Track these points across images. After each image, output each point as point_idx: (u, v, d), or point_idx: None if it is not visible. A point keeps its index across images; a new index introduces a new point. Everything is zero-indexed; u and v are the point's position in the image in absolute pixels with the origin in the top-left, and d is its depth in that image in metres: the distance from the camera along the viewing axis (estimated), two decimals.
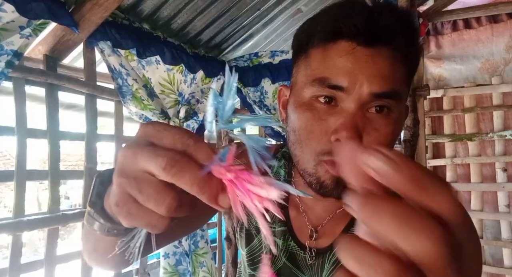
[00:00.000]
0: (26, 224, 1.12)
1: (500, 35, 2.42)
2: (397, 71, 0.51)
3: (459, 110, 2.47)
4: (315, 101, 0.52)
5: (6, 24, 0.98)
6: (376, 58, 0.49)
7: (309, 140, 0.52)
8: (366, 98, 0.49)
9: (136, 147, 0.27)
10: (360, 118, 0.49)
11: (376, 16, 0.50)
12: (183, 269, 1.69)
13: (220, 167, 0.25)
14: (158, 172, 0.25)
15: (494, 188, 2.37)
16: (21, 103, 1.16)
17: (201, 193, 0.25)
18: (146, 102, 1.49)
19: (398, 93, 0.51)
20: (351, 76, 0.49)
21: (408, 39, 0.52)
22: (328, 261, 0.59)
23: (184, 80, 1.68)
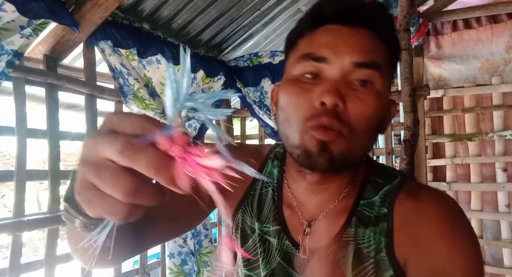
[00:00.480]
0: (26, 224, 1.12)
1: (500, 35, 2.43)
2: (378, 48, 0.55)
3: (459, 110, 2.47)
4: (302, 76, 0.55)
5: (6, 23, 0.98)
6: (356, 34, 0.54)
7: (296, 111, 0.54)
8: (347, 67, 0.52)
9: (97, 135, 0.27)
10: (343, 86, 0.52)
11: (354, 2, 0.56)
12: (189, 268, 1.69)
13: (167, 140, 0.25)
14: (116, 157, 0.25)
15: (494, 188, 2.38)
16: (21, 103, 1.16)
17: (159, 175, 0.25)
18: (148, 101, 1.49)
19: (379, 64, 0.53)
20: (333, 48, 0.53)
21: (387, 26, 0.57)
22: (322, 261, 0.59)
23: None
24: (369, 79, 0.53)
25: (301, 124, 0.53)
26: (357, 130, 0.52)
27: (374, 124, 0.54)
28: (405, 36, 1.67)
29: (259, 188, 0.68)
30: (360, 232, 0.58)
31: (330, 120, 0.51)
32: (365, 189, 0.61)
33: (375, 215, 0.58)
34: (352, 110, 0.52)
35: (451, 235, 0.52)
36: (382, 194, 0.59)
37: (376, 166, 0.65)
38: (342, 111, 0.51)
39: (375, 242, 0.56)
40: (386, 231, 0.56)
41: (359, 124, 0.52)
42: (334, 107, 0.51)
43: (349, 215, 0.59)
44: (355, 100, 0.52)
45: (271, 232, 0.64)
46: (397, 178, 0.61)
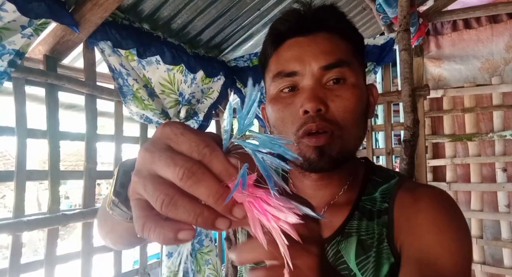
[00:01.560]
0: (26, 224, 1.12)
1: (500, 35, 2.42)
2: (339, 46, 0.59)
3: (459, 110, 2.47)
4: (281, 93, 0.60)
5: (7, 23, 0.98)
6: (316, 41, 0.58)
7: (285, 126, 0.58)
8: (318, 73, 0.57)
9: (154, 150, 0.27)
10: (320, 90, 0.56)
11: (306, 12, 0.61)
12: (186, 267, 1.69)
13: (241, 193, 0.25)
14: (175, 181, 0.26)
15: (494, 188, 2.37)
16: (21, 103, 1.16)
17: (217, 205, 0.26)
18: (147, 102, 1.49)
19: (345, 60, 0.58)
20: (299, 60, 0.57)
21: (339, 21, 0.61)
22: (326, 252, 0.61)
23: (184, 80, 1.68)
24: (340, 76, 0.57)
25: (293, 136, 0.57)
26: (346, 124, 0.57)
27: (360, 113, 0.59)
28: (405, 36, 1.67)
29: None
30: (363, 225, 0.61)
31: (318, 124, 0.55)
32: (366, 187, 0.65)
33: (377, 209, 0.61)
34: (335, 108, 0.56)
35: (442, 221, 0.55)
36: (381, 191, 0.63)
37: (375, 167, 0.69)
38: (326, 113, 0.56)
39: (377, 234, 0.60)
40: (387, 223, 0.60)
41: (346, 118, 0.56)
42: (317, 111, 0.55)
43: (352, 209, 0.63)
44: (334, 98, 0.56)
45: None
46: (395, 178, 0.65)
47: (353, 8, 2.49)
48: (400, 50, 1.69)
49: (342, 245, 0.61)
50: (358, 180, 0.66)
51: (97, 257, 1.42)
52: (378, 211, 0.61)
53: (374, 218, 0.61)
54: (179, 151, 0.27)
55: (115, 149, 1.53)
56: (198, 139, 0.27)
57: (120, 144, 1.54)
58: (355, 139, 0.59)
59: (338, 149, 0.56)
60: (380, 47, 1.96)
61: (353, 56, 0.60)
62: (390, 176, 0.66)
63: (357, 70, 0.59)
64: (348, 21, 0.64)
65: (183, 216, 0.26)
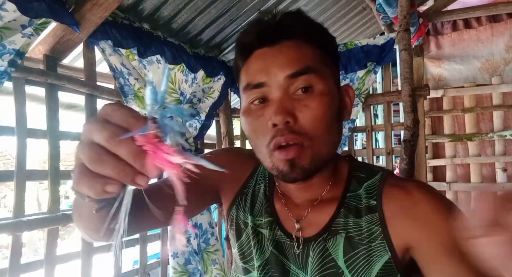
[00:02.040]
0: (26, 224, 1.12)
1: (500, 35, 2.43)
2: (305, 53, 0.58)
3: (459, 110, 2.47)
4: (251, 105, 0.60)
5: (7, 23, 0.98)
6: (281, 50, 0.58)
7: (258, 138, 0.59)
8: (284, 83, 0.56)
9: (93, 123, 0.33)
10: (287, 101, 0.56)
11: (270, 21, 0.61)
12: (193, 268, 1.69)
13: (142, 136, 0.32)
14: (103, 143, 0.32)
15: (494, 188, 2.38)
16: (21, 103, 1.16)
17: (134, 162, 0.32)
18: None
19: (312, 68, 0.57)
20: (265, 71, 0.57)
21: (305, 27, 0.61)
22: (313, 249, 0.62)
23: (185, 80, 1.68)
24: (307, 84, 0.56)
25: (265, 148, 0.58)
26: (316, 134, 0.56)
27: (330, 119, 0.58)
28: (405, 36, 1.67)
29: (253, 186, 0.74)
30: (349, 222, 0.62)
31: (286, 137, 0.55)
32: (350, 183, 0.66)
33: (365, 206, 0.62)
34: (304, 120, 0.56)
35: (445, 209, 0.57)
36: (366, 187, 0.64)
37: (358, 164, 0.70)
38: (295, 124, 0.56)
39: (367, 231, 0.60)
40: (379, 221, 0.60)
41: (315, 128, 0.56)
42: (286, 123, 0.55)
43: (338, 206, 0.64)
44: (302, 109, 0.56)
45: (263, 224, 0.68)
46: (378, 173, 0.66)
47: (353, 8, 2.49)
48: (400, 50, 1.69)
49: (329, 243, 0.61)
50: (341, 177, 0.67)
51: (97, 257, 1.42)
52: (366, 208, 0.62)
53: (361, 215, 0.61)
54: (112, 122, 0.33)
55: None
56: (128, 113, 0.33)
57: None
58: (327, 146, 0.59)
59: (309, 159, 0.56)
60: (380, 47, 1.97)
61: (320, 61, 0.59)
62: (374, 171, 0.66)
63: (325, 76, 0.59)
64: (315, 25, 0.63)
65: (108, 171, 0.32)
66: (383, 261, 0.58)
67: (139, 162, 0.32)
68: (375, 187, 0.63)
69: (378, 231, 0.59)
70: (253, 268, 0.67)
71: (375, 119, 4.40)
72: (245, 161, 0.76)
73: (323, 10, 2.28)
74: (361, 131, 2.34)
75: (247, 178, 0.74)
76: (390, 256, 0.58)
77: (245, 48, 0.62)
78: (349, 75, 2.01)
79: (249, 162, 0.75)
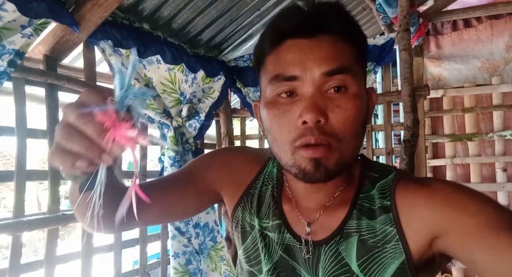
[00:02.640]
0: (26, 224, 1.12)
1: (500, 34, 2.43)
2: (343, 51, 0.55)
3: (459, 110, 2.47)
4: (278, 97, 0.56)
5: (7, 23, 0.98)
6: (319, 44, 0.55)
7: (281, 134, 0.56)
8: (319, 80, 0.53)
9: (69, 105, 0.38)
10: (320, 99, 0.53)
11: (310, 11, 0.57)
12: (194, 268, 1.69)
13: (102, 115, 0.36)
14: (74, 123, 0.37)
15: (494, 188, 2.38)
16: (21, 103, 1.16)
17: (99, 140, 0.36)
18: (149, 101, 1.49)
19: (348, 67, 0.54)
20: (300, 64, 0.54)
21: (344, 23, 0.57)
22: (324, 253, 0.60)
23: (185, 80, 1.68)
24: (342, 84, 0.54)
25: (289, 145, 0.55)
26: (345, 137, 0.54)
27: (360, 123, 0.56)
28: (405, 36, 1.67)
29: (259, 186, 0.70)
30: (363, 224, 0.59)
31: (316, 137, 0.52)
32: (363, 184, 0.63)
33: (378, 207, 0.59)
34: (335, 120, 0.53)
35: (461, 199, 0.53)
36: (379, 187, 0.61)
37: (371, 163, 0.67)
38: (325, 124, 0.53)
39: (381, 233, 0.57)
40: (393, 221, 0.57)
41: (345, 131, 0.54)
42: (316, 123, 0.52)
43: (350, 208, 0.61)
44: (335, 109, 0.53)
45: (271, 227, 0.66)
46: (392, 173, 0.63)
47: (353, 8, 2.50)
48: (400, 50, 1.69)
49: (342, 246, 0.59)
50: (354, 178, 0.64)
51: (97, 257, 1.42)
52: (379, 208, 0.59)
53: (375, 216, 0.59)
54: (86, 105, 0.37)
55: None
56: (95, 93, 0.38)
57: None
58: (353, 150, 0.56)
59: (335, 161, 0.54)
60: (380, 47, 1.97)
61: (356, 61, 0.57)
62: (387, 171, 0.63)
63: (359, 77, 0.57)
64: (355, 23, 0.60)
65: (77, 148, 0.37)
66: (398, 263, 0.56)
67: (102, 139, 0.36)
68: (388, 187, 0.60)
69: (393, 232, 0.57)
70: (260, 272, 0.65)
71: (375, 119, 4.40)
72: (251, 161, 0.73)
73: None
74: None
75: (253, 179, 0.71)
76: (405, 258, 0.56)
77: (278, 34, 0.57)
78: None
79: (255, 162, 0.72)
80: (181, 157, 1.65)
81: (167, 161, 1.61)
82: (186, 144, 1.71)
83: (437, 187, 0.56)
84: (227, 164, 0.73)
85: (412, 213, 0.56)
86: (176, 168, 1.60)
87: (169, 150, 1.60)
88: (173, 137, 1.60)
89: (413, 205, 0.56)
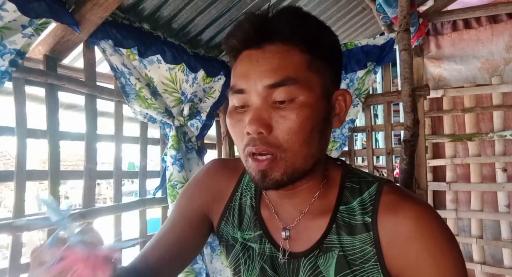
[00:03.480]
0: (26, 224, 1.12)
1: (500, 35, 2.43)
2: (289, 61, 0.54)
3: (459, 110, 2.47)
4: (235, 108, 0.58)
5: (8, 23, 0.98)
6: (265, 55, 0.54)
7: (236, 142, 0.58)
8: (263, 92, 0.54)
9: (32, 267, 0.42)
10: (265, 110, 0.54)
11: (260, 20, 0.56)
12: (199, 267, 1.68)
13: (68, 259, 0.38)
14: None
15: (494, 188, 2.38)
16: (21, 103, 1.16)
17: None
18: (150, 101, 1.49)
19: (294, 78, 0.53)
20: (246, 77, 0.55)
21: (295, 29, 0.55)
22: (303, 266, 0.60)
23: (186, 79, 1.68)
24: (287, 96, 0.53)
25: (242, 153, 0.57)
26: (291, 147, 0.54)
27: (310, 132, 0.55)
28: (405, 36, 1.67)
29: (238, 199, 0.71)
30: (343, 239, 0.59)
31: (258, 148, 0.54)
32: (343, 194, 0.62)
33: (359, 223, 0.59)
34: (279, 131, 0.53)
35: (437, 251, 0.54)
36: (360, 200, 0.60)
37: (351, 171, 0.65)
38: (269, 135, 0.53)
39: (361, 251, 0.58)
40: (373, 241, 0.57)
41: (290, 141, 0.53)
42: (259, 134, 0.53)
43: (330, 221, 0.60)
44: (279, 120, 0.53)
45: (253, 238, 0.66)
46: (374, 184, 0.62)
47: (353, 8, 2.49)
48: (400, 50, 1.69)
49: (320, 260, 0.59)
50: (333, 185, 0.63)
51: None
52: (360, 225, 0.58)
53: (355, 233, 0.59)
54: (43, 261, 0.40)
55: (115, 149, 1.53)
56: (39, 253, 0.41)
57: (120, 144, 1.54)
58: (304, 159, 0.55)
59: (282, 171, 0.54)
60: (380, 47, 1.96)
61: (308, 68, 0.55)
62: (369, 182, 0.62)
63: (311, 85, 0.55)
64: (308, 25, 0.57)
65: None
66: None
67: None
68: (371, 202, 0.59)
69: (371, 252, 0.57)
70: None
71: (375, 119, 4.40)
72: (227, 176, 0.73)
73: (323, 10, 2.28)
74: (361, 131, 2.34)
75: (232, 192, 0.72)
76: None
77: (232, 47, 0.58)
78: (349, 75, 2.01)
79: (232, 174, 0.73)
80: (184, 155, 1.65)
81: (169, 160, 1.61)
82: (189, 143, 1.70)
83: (416, 233, 0.55)
84: (206, 188, 0.73)
85: (391, 242, 0.56)
86: (178, 167, 1.59)
87: (170, 149, 1.61)
88: (175, 136, 1.60)
89: (393, 235, 0.56)
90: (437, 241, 0.55)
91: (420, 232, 0.55)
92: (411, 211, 0.56)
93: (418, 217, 0.56)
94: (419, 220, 0.56)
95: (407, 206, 0.57)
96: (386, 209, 0.58)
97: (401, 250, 0.55)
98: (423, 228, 0.55)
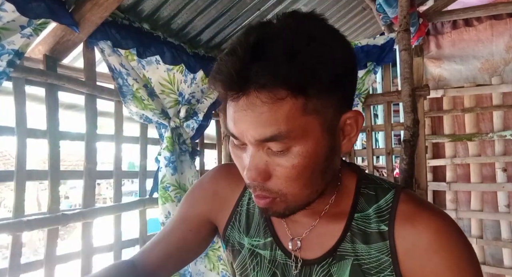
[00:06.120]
0: (26, 224, 1.12)
1: (500, 35, 2.42)
2: (280, 111, 0.46)
3: (459, 110, 2.47)
4: (234, 144, 0.55)
5: (6, 23, 0.98)
6: (252, 105, 0.47)
7: (240, 172, 0.56)
8: (256, 143, 0.49)
9: None
10: (260, 159, 0.50)
11: (239, 67, 0.46)
12: (184, 269, 1.69)
13: None
14: None
15: (494, 188, 2.37)
16: (21, 103, 1.16)
17: None
18: (147, 102, 1.49)
19: (284, 132, 0.47)
20: (237, 127, 0.50)
21: (287, 76, 0.45)
22: (316, 273, 0.59)
23: (184, 80, 1.68)
24: (280, 149, 0.49)
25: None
26: (291, 191, 0.52)
27: (310, 174, 0.51)
28: (405, 36, 1.67)
29: (246, 204, 0.70)
30: (357, 248, 0.58)
31: (257, 193, 0.53)
32: (358, 201, 0.60)
33: (374, 232, 0.57)
34: (277, 178, 0.51)
35: (456, 265, 0.53)
36: (376, 208, 0.59)
37: (366, 177, 0.63)
38: (267, 182, 0.51)
39: (376, 260, 0.56)
40: (389, 250, 0.56)
41: (290, 186, 0.51)
42: (257, 182, 0.52)
43: (345, 228, 0.59)
44: (276, 168, 0.50)
45: (262, 245, 0.65)
46: (390, 191, 0.60)
47: (353, 8, 2.50)
48: (400, 50, 1.69)
49: (334, 268, 0.58)
50: (347, 192, 0.61)
51: (97, 257, 1.42)
52: (376, 233, 0.57)
53: (370, 241, 0.57)
54: None
55: (115, 149, 1.53)
56: None
57: (120, 144, 1.54)
58: (307, 197, 0.54)
59: (283, 208, 0.54)
60: (380, 47, 1.97)
61: (302, 114, 0.47)
62: (385, 188, 0.60)
63: (308, 130, 0.48)
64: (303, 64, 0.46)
65: None
66: None
67: None
68: (387, 210, 0.57)
69: (387, 262, 0.55)
70: None
71: (375, 119, 4.39)
72: (234, 180, 0.71)
73: (323, 10, 2.28)
74: (361, 131, 2.33)
75: (239, 197, 0.70)
76: None
77: (217, 91, 0.51)
78: None
79: (239, 180, 0.68)
80: (178, 157, 1.65)
81: (162, 162, 1.61)
82: (183, 145, 1.70)
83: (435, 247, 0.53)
84: (211, 194, 0.73)
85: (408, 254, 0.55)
86: (171, 169, 1.59)
87: (165, 150, 1.60)
88: (170, 138, 1.60)
89: (410, 247, 0.55)
90: (456, 255, 0.53)
91: (440, 245, 0.53)
92: (431, 222, 0.55)
93: (438, 229, 0.54)
94: (439, 233, 0.54)
95: (426, 217, 0.55)
96: (404, 218, 0.56)
97: (418, 261, 0.54)
98: (443, 241, 0.53)
